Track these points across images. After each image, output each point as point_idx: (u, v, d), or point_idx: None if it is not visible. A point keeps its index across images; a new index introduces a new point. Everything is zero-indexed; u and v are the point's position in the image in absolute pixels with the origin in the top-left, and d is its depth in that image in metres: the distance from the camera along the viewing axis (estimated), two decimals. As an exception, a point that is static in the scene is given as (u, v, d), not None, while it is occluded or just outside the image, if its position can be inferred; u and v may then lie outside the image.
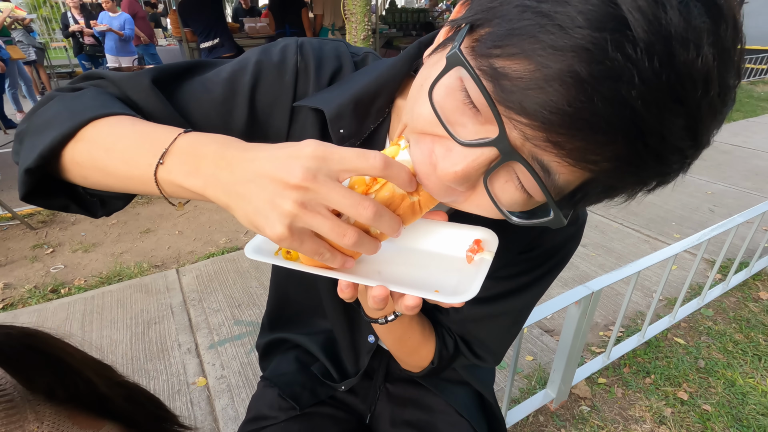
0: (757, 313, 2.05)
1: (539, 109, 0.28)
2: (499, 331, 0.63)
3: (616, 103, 0.27)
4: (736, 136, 4.79)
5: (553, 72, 0.27)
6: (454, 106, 0.34)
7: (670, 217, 3.02)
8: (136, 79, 0.47)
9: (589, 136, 0.29)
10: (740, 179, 3.64)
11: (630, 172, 0.32)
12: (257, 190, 0.32)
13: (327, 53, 0.53)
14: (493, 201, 0.36)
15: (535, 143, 0.31)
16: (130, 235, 2.91)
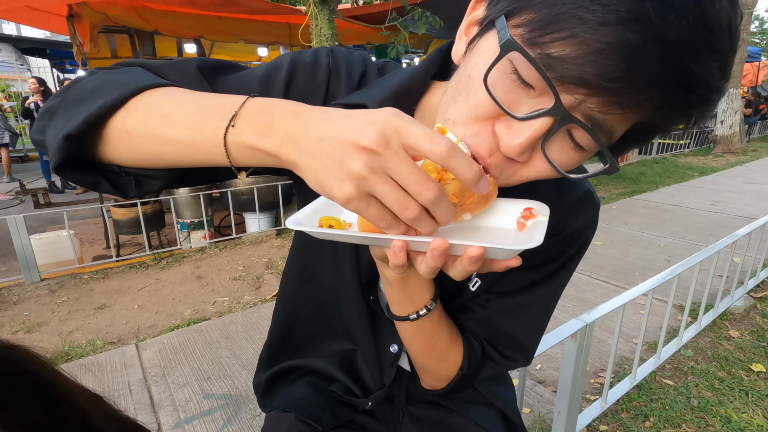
0: (732, 351, 2.10)
1: (598, 80, 0.32)
2: (529, 323, 0.61)
3: (667, 61, 0.31)
4: (672, 197, 5.29)
5: (607, 45, 0.31)
6: (507, 87, 0.37)
7: (632, 268, 3.17)
8: (182, 65, 0.48)
9: (647, 92, 0.32)
10: (685, 233, 3.95)
11: (679, 113, 0.35)
12: (329, 149, 0.32)
13: (355, 58, 0.57)
14: (552, 165, 0.39)
15: (590, 105, 0.34)
16: (82, 312, 2.65)
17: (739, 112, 8.54)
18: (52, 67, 8.83)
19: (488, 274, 0.59)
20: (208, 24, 4.25)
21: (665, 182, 6.17)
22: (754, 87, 11.81)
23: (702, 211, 4.66)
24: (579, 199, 0.57)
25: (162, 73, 0.48)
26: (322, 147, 0.32)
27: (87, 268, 3.29)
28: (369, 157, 0.31)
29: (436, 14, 4.51)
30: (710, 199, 5.20)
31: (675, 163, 7.77)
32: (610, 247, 3.62)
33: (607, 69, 0.31)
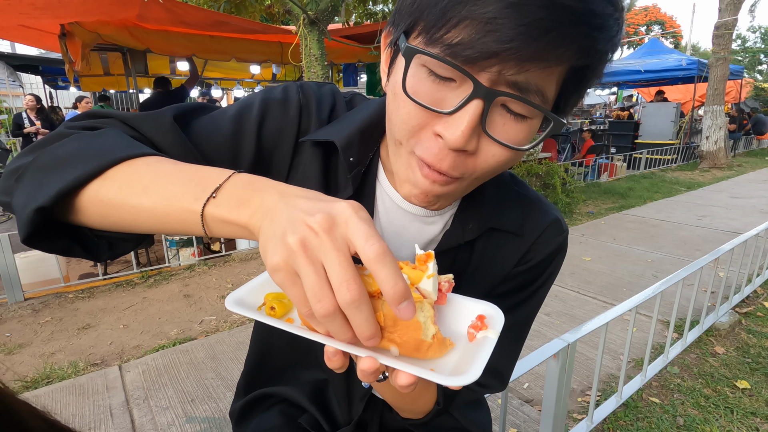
0: (717, 367, 2.11)
1: (499, 46, 0.34)
2: (504, 349, 0.61)
3: (547, 6, 0.33)
4: (659, 212, 5.36)
5: (495, 11, 0.34)
6: (429, 89, 0.39)
7: (620, 284, 3.19)
8: (158, 119, 0.48)
9: (544, 40, 0.34)
10: (672, 248, 3.99)
11: (582, 48, 0.36)
12: (282, 218, 0.32)
13: (324, 93, 0.58)
14: (501, 142, 0.40)
15: (508, 73, 0.36)
16: (66, 333, 2.61)
17: (723, 128, 8.73)
18: (44, 83, 8.83)
19: None
20: (200, 43, 4.30)
21: (653, 197, 6.25)
22: (737, 103, 12.10)
23: (689, 226, 4.72)
24: (547, 227, 0.58)
25: (139, 128, 0.48)
26: (279, 214, 0.33)
27: (73, 287, 3.24)
28: (308, 234, 0.31)
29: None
30: (697, 213, 5.27)
31: (662, 178, 7.90)
32: (598, 262, 3.65)
33: (501, 33, 0.33)
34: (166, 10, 3.07)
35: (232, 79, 8.28)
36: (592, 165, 7.55)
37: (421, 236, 0.57)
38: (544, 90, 0.38)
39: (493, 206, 0.56)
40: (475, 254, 0.58)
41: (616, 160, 8.12)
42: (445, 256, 0.56)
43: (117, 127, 0.47)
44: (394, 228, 0.57)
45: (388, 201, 0.56)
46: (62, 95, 10.33)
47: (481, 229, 0.55)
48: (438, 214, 0.56)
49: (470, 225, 0.55)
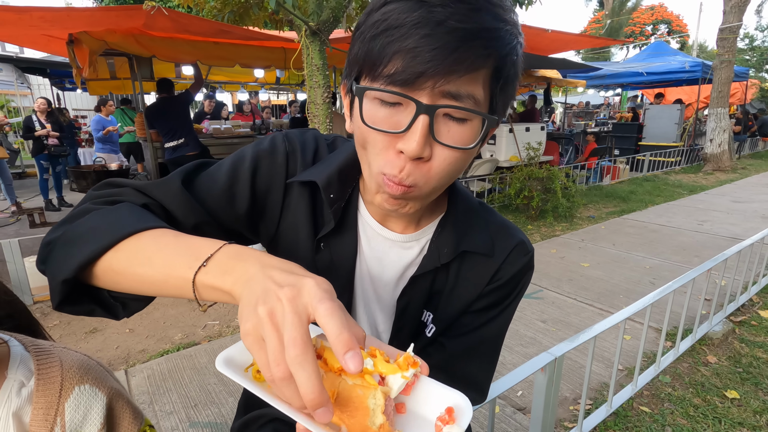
0: (709, 377, 2.15)
1: (424, 66, 0.42)
2: (482, 361, 0.67)
3: (456, 31, 0.42)
4: (660, 217, 5.37)
5: (414, 42, 0.42)
6: (384, 116, 0.47)
7: (617, 291, 3.23)
8: (167, 185, 0.55)
9: (453, 54, 0.42)
10: (671, 254, 4.02)
11: (488, 57, 0.45)
12: (258, 288, 0.36)
13: (308, 138, 0.65)
14: (450, 146, 0.47)
15: (440, 86, 0.44)
16: (74, 336, 2.68)
17: (727, 130, 8.70)
18: (51, 85, 8.96)
19: (441, 320, 0.66)
20: (205, 49, 4.36)
21: (654, 201, 6.26)
22: (742, 105, 12.03)
23: (688, 231, 4.73)
24: (513, 249, 0.64)
25: (150, 194, 0.54)
26: (257, 287, 0.36)
27: (80, 290, 3.32)
28: (275, 304, 0.34)
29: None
30: (697, 218, 5.29)
31: (665, 181, 7.89)
32: (596, 268, 3.69)
33: (421, 57, 0.42)
34: (171, 20, 3.14)
35: (236, 83, 8.37)
36: (595, 168, 7.57)
37: (400, 260, 0.64)
38: (474, 94, 0.46)
39: (465, 231, 0.62)
40: (451, 276, 0.64)
41: (619, 163, 8.13)
42: (424, 279, 0.63)
43: (132, 197, 0.53)
44: (376, 254, 0.64)
45: (369, 230, 0.63)
46: (69, 96, 10.46)
47: (455, 253, 0.61)
48: (414, 239, 0.63)
49: (445, 249, 0.61)
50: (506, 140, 6.06)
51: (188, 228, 0.56)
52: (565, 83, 8.83)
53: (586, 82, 9.97)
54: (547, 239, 4.54)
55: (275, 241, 0.65)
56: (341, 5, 2.98)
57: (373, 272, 0.65)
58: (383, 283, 0.65)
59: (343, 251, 0.63)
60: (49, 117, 6.02)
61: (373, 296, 0.67)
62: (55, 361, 0.58)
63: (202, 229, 0.57)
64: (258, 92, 11.24)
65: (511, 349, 2.44)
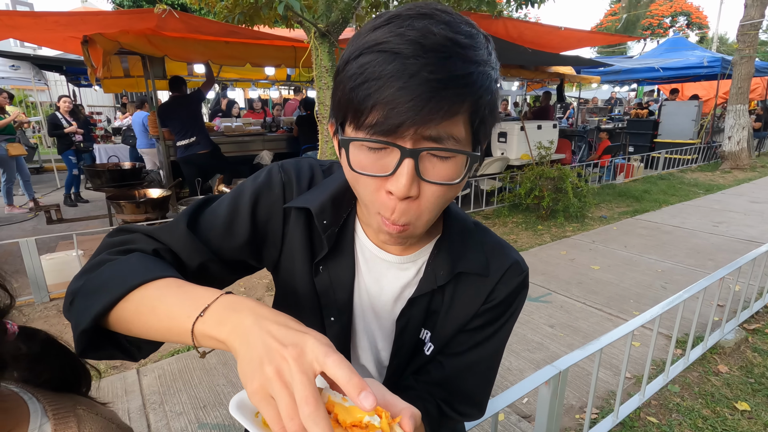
0: (719, 387, 2.12)
1: (403, 116, 0.44)
2: (479, 379, 0.68)
3: (429, 83, 0.44)
4: (674, 217, 5.28)
5: (391, 95, 0.44)
6: (373, 161, 0.49)
7: (627, 295, 3.19)
8: (173, 229, 0.59)
9: (431, 106, 0.44)
10: (684, 257, 3.95)
11: (464, 101, 0.46)
12: (257, 344, 0.38)
13: (302, 167, 0.68)
14: (436, 182, 0.49)
15: (421, 131, 0.46)
16: (88, 334, 2.75)
17: (747, 128, 8.47)
18: (68, 82, 9.12)
19: (439, 338, 0.68)
20: (216, 49, 4.39)
21: (669, 201, 6.15)
22: (763, 101, 11.70)
23: (703, 233, 4.64)
24: (507, 270, 0.66)
25: (159, 238, 0.59)
26: (256, 343, 0.38)
27: (94, 288, 3.40)
28: (282, 364, 0.36)
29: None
30: (713, 219, 5.18)
31: (681, 179, 7.74)
32: (606, 271, 3.65)
33: (398, 109, 0.44)
34: (182, 22, 3.16)
35: (247, 80, 8.40)
36: (608, 165, 7.45)
37: (397, 281, 0.65)
38: (454, 135, 0.47)
39: (460, 253, 0.64)
40: (447, 296, 0.66)
41: (633, 161, 7.99)
42: (421, 300, 0.65)
43: (142, 244, 0.58)
44: (374, 275, 0.66)
45: (367, 252, 0.65)
46: (85, 93, 10.63)
47: (451, 275, 0.63)
48: (411, 261, 0.65)
49: (441, 272, 0.63)
50: (517, 138, 5.99)
51: (194, 268, 0.59)
52: (579, 79, 8.69)
53: (600, 78, 9.79)
54: (557, 240, 4.50)
55: (278, 266, 0.68)
56: (350, 6, 2.97)
57: (371, 293, 0.67)
58: (381, 303, 0.67)
59: (341, 273, 0.65)
60: (72, 114, 6.22)
61: (372, 317, 0.68)
62: (71, 425, 0.56)
63: (208, 267, 0.60)
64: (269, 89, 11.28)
65: (518, 355, 2.43)
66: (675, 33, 23.58)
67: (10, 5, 18.31)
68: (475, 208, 5.67)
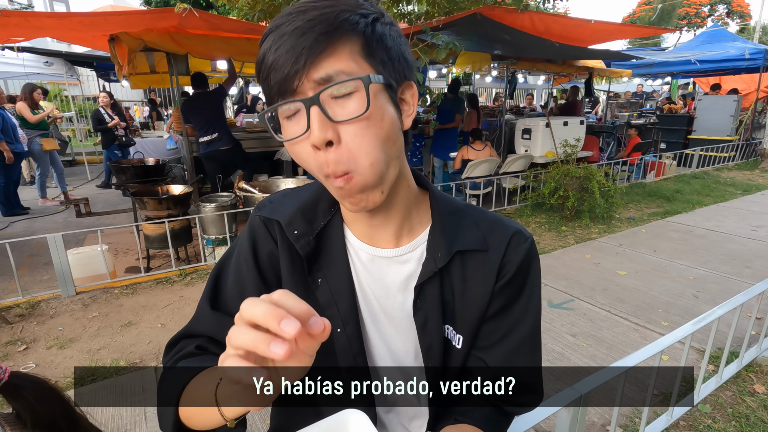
0: (755, 409, 1.99)
1: (286, 68, 0.48)
2: (526, 362, 0.65)
3: (291, 32, 0.49)
4: (708, 220, 5.02)
5: (272, 60, 0.49)
6: (292, 128, 0.52)
7: (655, 304, 3.05)
8: (200, 317, 0.65)
9: (306, 44, 0.48)
10: (719, 264, 3.75)
11: (340, 25, 0.49)
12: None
13: (275, 195, 0.71)
14: (346, 120, 0.50)
15: (310, 80, 0.49)
16: (110, 329, 2.82)
17: (790, 124, 7.99)
18: (98, 77, 9.42)
19: (463, 328, 0.66)
20: (238, 46, 4.40)
21: (703, 201, 5.85)
22: (810, 95, 10.99)
23: (740, 238, 4.40)
24: (510, 241, 0.64)
25: (197, 332, 0.64)
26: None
27: (118, 282, 3.49)
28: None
29: (460, 31, 4.49)
30: (751, 223, 4.90)
31: (717, 178, 7.36)
32: (634, 277, 3.49)
33: (279, 64, 0.49)
34: (203, 20, 3.17)
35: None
36: (637, 163, 7.15)
37: (399, 275, 0.65)
38: (343, 69, 0.49)
39: (454, 232, 0.64)
40: (456, 280, 0.64)
41: (665, 158, 7.65)
42: (431, 288, 0.63)
43: (188, 346, 0.63)
44: (376, 276, 0.65)
45: (363, 254, 0.65)
46: (114, 88, 10.92)
47: (449, 254, 0.62)
48: (409, 251, 0.64)
49: (439, 254, 0.62)
50: (542, 135, 5.81)
51: None
52: (609, 73, 8.35)
53: (632, 72, 9.38)
54: (581, 242, 4.35)
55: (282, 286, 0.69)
56: (370, 3, 2.90)
57: (377, 295, 0.66)
58: (390, 302, 0.66)
59: (338, 282, 0.65)
60: (113, 109, 6.46)
61: (384, 320, 0.67)
62: None
63: None
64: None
65: (538, 365, 2.35)
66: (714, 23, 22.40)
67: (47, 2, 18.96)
68: (497, 206, 5.54)
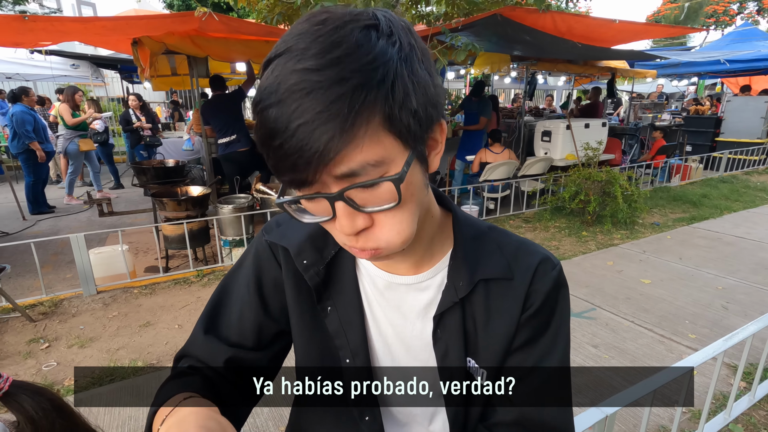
0: (791, 430, 1.89)
1: (297, 171, 0.41)
2: (555, 402, 0.60)
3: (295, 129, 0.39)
4: (738, 227, 4.83)
5: (286, 159, 0.41)
6: (312, 207, 0.47)
7: (682, 315, 2.93)
8: (194, 340, 0.64)
9: (316, 141, 0.39)
10: (749, 273, 3.59)
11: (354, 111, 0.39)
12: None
13: (283, 217, 0.67)
14: (381, 209, 0.45)
15: (331, 175, 0.41)
16: (129, 329, 2.86)
17: (826, 126, 7.64)
18: (122, 78, 9.66)
19: (486, 360, 0.61)
20: (256, 48, 4.43)
21: (732, 207, 5.64)
22: None
23: (772, 246, 4.21)
24: (537, 268, 0.59)
25: (190, 353, 0.64)
26: None
27: (137, 282, 3.54)
28: None
29: (479, 32, 4.42)
30: (784, 230, 4.70)
31: (746, 183, 7.09)
32: (658, 286, 3.37)
33: (289, 162, 0.41)
34: (222, 24, 3.19)
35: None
36: (662, 166, 6.94)
37: (418, 303, 0.61)
38: (368, 160, 0.41)
39: (477, 259, 0.59)
40: (479, 310, 0.59)
41: (691, 161, 7.40)
42: (452, 318, 0.59)
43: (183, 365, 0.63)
44: (394, 303, 0.61)
45: (380, 281, 0.61)
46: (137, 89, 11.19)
47: (471, 284, 0.58)
48: (429, 278, 0.60)
49: (460, 282, 0.58)
50: (562, 137, 5.68)
51: (221, 368, 0.62)
52: (633, 73, 8.12)
53: (657, 72, 9.12)
54: (603, 249, 4.23)
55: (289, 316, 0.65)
56: (389, 5, 2.87)
57: (394, 321, 0.62)
58: (408, 329, 0.62)
59: (348, 312, 0.62)
60: (142, 110, 6.65)
61: (401, 351, 0.63)
62: None
63: (236, 361, 0.62)
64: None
65: (558, 377, 2.28)
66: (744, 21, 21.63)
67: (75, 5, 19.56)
68: (515, 210, 5.45)
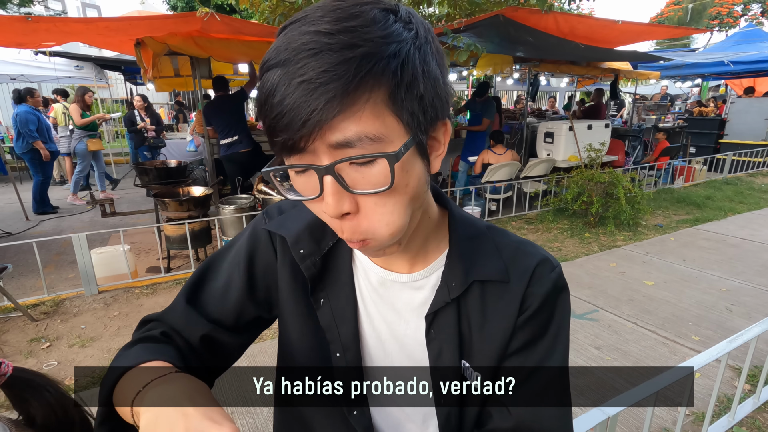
0: (797, 433, 1.86)
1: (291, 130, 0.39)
2: (554, 407, 0.58)
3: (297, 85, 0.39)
4: (742, 229, 4.79)
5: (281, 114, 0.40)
6: (303, 184, 0.45)
7: (686, 317, 2.91)
8: (174, 309, 0.62)
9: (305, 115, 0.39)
10: (754, 275, 3.56)
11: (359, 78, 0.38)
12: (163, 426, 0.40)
13: (284, 204, 0.65)
14: (368, 193, 0.43)
15: (326, 142, 0.40)
16: (130, 329, 2.85)
17: (831, 128, 7.59)
18: (125, 80, 9.70)
19: (480, 363, 0.59)
20: (259, 49, 4.43)
21: (736, 209, 5.60)
22: None
23: (777, 248, 4.18)
24: (535, 269, 0.57)
25: (166, 321, 0.62)
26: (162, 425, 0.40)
27: (139, 282, 3.54)
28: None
29: (481, 33, 4.42)
30: (789, 232, 4.66)
31: (750, 184, 7.05)
32: (662, 288, 3.35)
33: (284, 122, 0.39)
34: (224, 24, 3.20)
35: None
36: (665, 168, 6.91)
37: (412, 301, 0.59)
38: (367, 132, 0.40)
39: (472, 260, 0.58)
40: (475, 311, 0.58)
41: (694, 163, 7.37)
42: (446, 318, 0.58)
43: (155, 330, 0.60)
44: (388, 300, 0.60)
45: (375, 276, 0.60)
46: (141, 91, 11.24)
47: (465, 284, 0.56)
48: (424, 277, 0.59)
49: (453, 282, 0.57)
50: (565, 139, 5.67)
51: (197, 342, 0.61)
52: (636, 75, 8.09)
53: (660, 73, 9.09)
54: (606, 250, 4.21)
55: (279, 306, 0.65)
56: (390, 5, 2.87)
57: (388, 318, 0.61)
58: (402, 326, 0.61)
59: (341, 305, 0.61)
60: (147, 111, 6.68)
61: (395, 348, 0.62)
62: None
63: (214, 338, 0.62)
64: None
65: (560, 378, 2.26)
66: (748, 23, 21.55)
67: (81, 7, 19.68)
68: (518, 211, 5.43)
